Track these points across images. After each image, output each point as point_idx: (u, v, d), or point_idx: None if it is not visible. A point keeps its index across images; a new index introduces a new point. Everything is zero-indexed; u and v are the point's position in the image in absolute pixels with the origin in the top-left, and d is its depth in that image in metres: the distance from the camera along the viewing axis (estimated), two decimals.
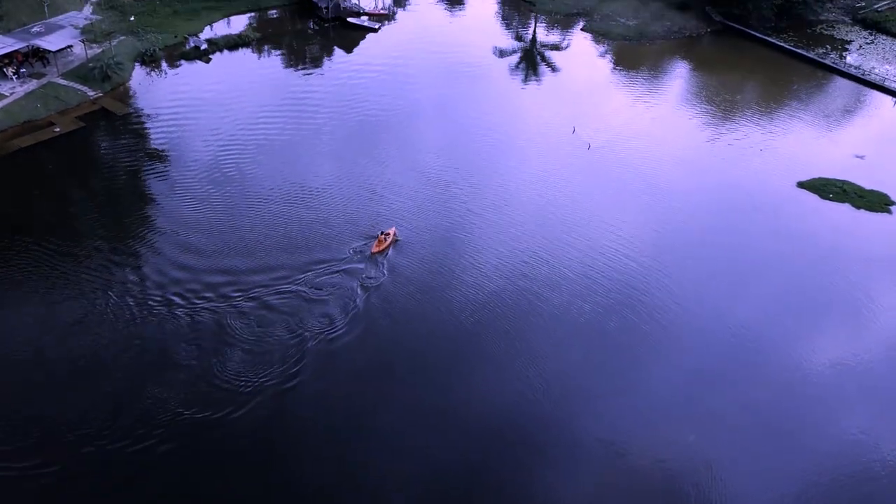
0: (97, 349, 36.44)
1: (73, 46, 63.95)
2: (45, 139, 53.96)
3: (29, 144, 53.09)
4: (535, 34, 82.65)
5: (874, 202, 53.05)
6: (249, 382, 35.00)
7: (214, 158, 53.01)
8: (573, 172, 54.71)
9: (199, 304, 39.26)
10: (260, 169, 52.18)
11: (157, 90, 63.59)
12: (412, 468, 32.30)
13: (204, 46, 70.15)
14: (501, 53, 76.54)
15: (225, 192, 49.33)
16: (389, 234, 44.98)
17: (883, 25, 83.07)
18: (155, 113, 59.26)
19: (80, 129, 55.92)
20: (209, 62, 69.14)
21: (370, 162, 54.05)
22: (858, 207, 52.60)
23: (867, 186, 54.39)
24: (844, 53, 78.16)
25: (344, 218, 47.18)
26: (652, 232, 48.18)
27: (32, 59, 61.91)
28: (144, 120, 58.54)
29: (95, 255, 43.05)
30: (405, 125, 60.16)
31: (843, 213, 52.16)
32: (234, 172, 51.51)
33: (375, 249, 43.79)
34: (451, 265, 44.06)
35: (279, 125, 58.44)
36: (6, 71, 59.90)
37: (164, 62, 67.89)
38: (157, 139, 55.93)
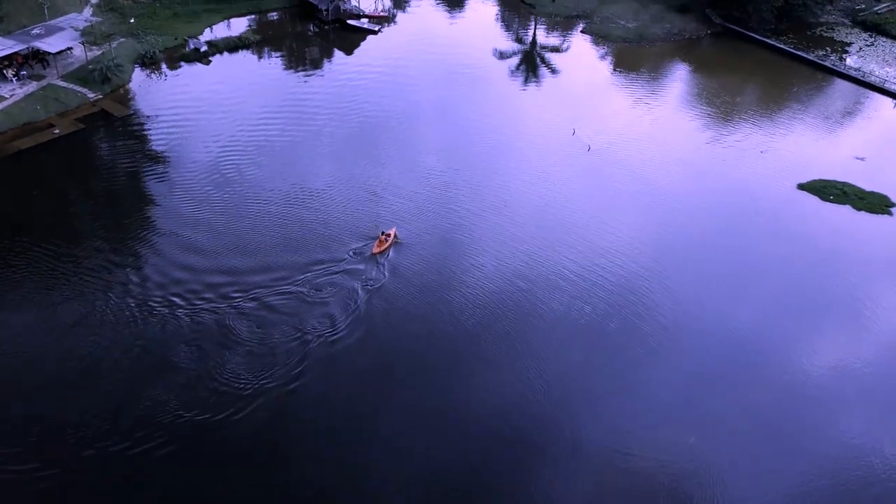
0: (97, 350, 36.41)
1: (72, 48, 64.00)
2: (44, 141, 53.97)
3: (29, 146, 53.08)
4: (535, 36, 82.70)
5: (874, 204, 53.11)
6: (250, 384, 34.96)
7: (214, 160, 53.01)
8: (573, 174, 54.74)
9: (199, 305, 39.26)
10: (260, 170, 52.20)
11: (156, 92, 63.58)
12: (413, 469, 32.28)
13: (204, 48, 70.15)
14: (501, 55, 76.61)
15: (225, 193, 49.33)
16: (390, 234, 44.98)
17: (883, 27, 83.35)
18: (155, 115, 59.25)
19: (79, 130, 55.92)
20: (209, 64, 69.14)
21: (370, 163, 54.07)
22: (859, 209, 52.65)
23: (867, 188, 54.48)
24: (844, 55, 78.30)
25: (344, 219, 47.19)
26: (652, 233, 48.20)
27: (32, 61, 61.95)
28: (144, 122, 58.55)
29: (95, 256, 43.03)
30: (405, 127, 60.16)
31: (843, 214, 52.21)
32: (233, 174, 51.51)
33: (376, 250, 43.80)
34: (451, 266, 44.06)
35: (279, 126, 58.44)
36: (6, 73, 59.91)
37: (163, 64, 67.86)
38: (156, 141, 55.93)
